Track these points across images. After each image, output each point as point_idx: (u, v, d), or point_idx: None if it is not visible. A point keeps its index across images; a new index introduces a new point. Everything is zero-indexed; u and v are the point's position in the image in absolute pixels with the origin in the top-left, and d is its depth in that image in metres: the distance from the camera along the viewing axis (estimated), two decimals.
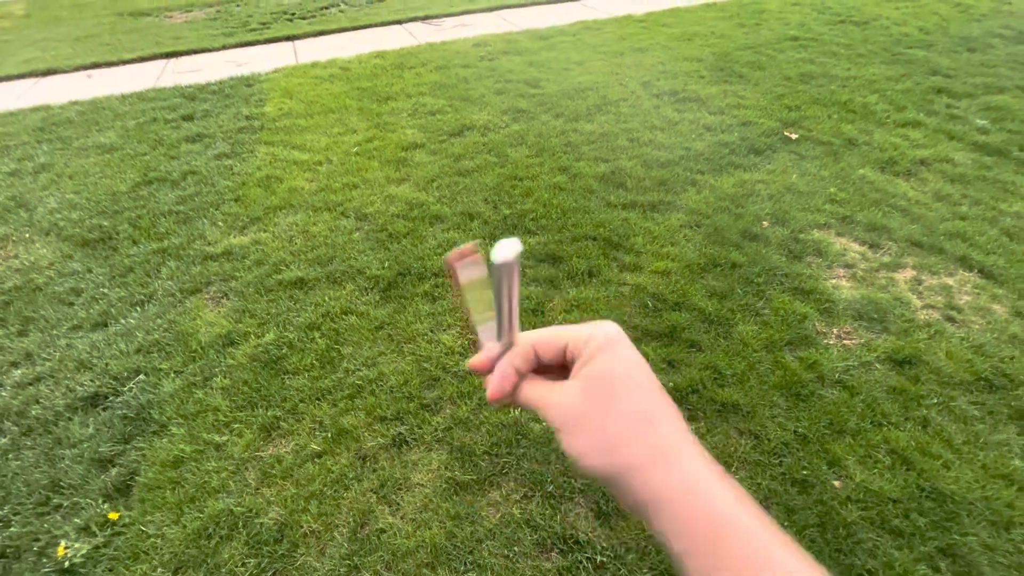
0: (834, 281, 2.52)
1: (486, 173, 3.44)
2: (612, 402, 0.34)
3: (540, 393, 0.38)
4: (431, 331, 2.34)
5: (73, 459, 1.90)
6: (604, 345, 0.36)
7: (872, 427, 1.87)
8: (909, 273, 2.55)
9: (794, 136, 3.71)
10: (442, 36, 6.23)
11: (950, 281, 2.50)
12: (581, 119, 4.06)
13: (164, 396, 2.11)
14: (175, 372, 2.22)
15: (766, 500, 1.68)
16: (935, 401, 1.95)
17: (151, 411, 2.05)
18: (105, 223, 3.15)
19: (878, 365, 2.10)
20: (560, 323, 2.37)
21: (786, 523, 1.62)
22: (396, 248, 2.83)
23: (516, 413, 1.97)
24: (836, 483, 1.72)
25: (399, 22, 6.93)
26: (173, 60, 5.94)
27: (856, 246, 2.74)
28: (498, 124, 4.05)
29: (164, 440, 1.95)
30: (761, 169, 3.37)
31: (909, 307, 2.36)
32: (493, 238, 2.87)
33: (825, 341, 2.22)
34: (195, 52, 6.11)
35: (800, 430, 1.87)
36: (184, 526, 1.69)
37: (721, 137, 3.71)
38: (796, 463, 1.78)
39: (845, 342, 2.21)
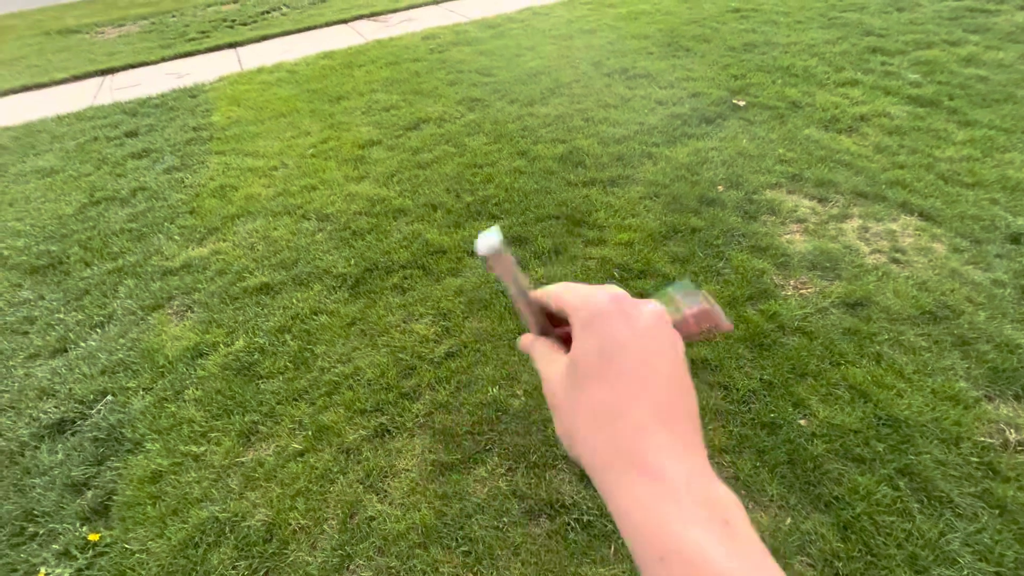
0: (788, 236, 2.63)
1: (445, 163, 3.44)
2: (581, 390, 0.31)
3: (540, 362, 0.36)
4: (403, 322, 2.34)
5: (44, 487, 1.84)
6: (588, 322, 0.32)
7: (831, 367, 1.98)
8: (856, 222, 2.68)
9: (742, 103, 3.82)
10: (389, 32, 6.16)
11: (894, 226, 2.63)
12: (536, 103, 4.09)
13: (135, 414, 2.06)
14: (144, 389, 2.16)
15: (739, 445, 1.76)
16: (886, 337, 2.06)
17: (123, 430, 2.01)
18: (54, 248, 3.03)
19: (833, 310, 2.20)
20: None
21: (758, 464, 1.71)
22: (361, 245, 2.81)
23: (494, 391, 2.00)
24: (802, 422, 1.81)
25: (344, 21, 6.81)
26: (109, 77, 5.71)
27: (806, 202, 2.86)
28: (453, 115, 4.04)
29: (139, 457, 1.91)
30: (713, 137, 3.47)
31: (858, 254, 2.48)
32: (458, 226, 2.89)
33: (783, 292, 2.32)
34: (132, 67, 5.89)
35: (765, 377, 1.96)
36: (169, 538, 1.67)
37: (673, 110, 3.80)
38: (764, 408, 1.86)
39: (801, 292, 2.32)
